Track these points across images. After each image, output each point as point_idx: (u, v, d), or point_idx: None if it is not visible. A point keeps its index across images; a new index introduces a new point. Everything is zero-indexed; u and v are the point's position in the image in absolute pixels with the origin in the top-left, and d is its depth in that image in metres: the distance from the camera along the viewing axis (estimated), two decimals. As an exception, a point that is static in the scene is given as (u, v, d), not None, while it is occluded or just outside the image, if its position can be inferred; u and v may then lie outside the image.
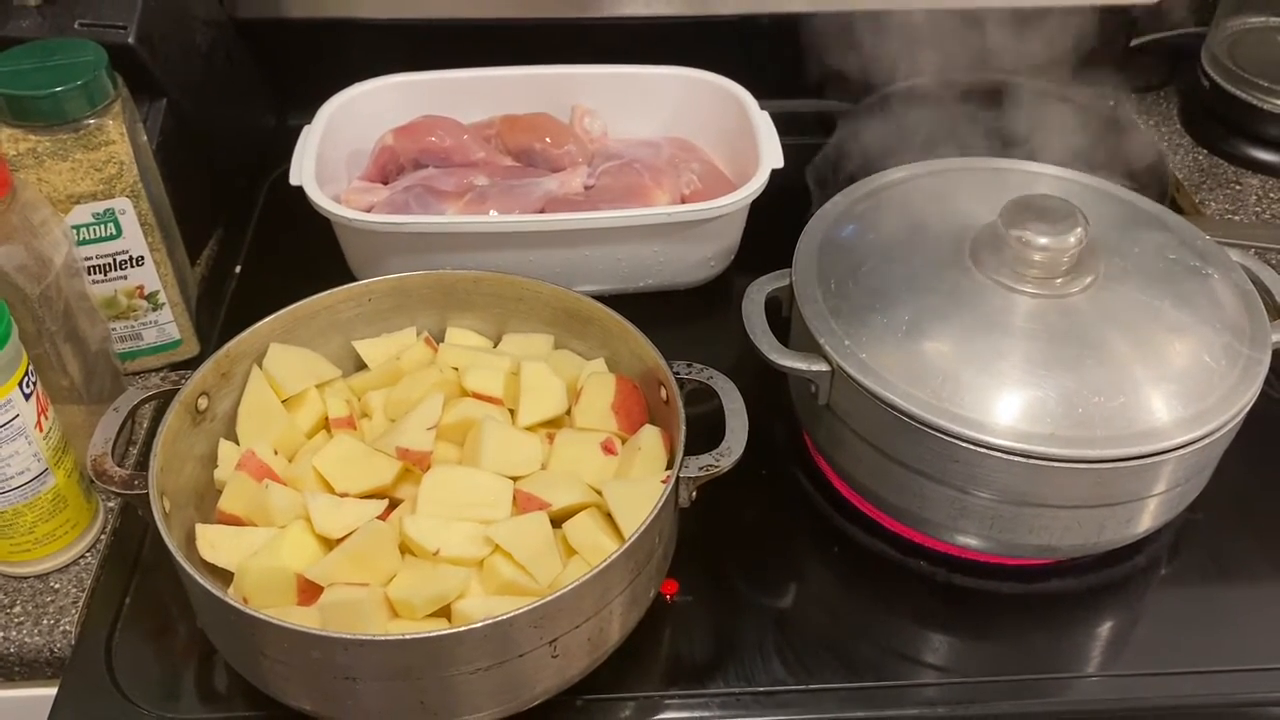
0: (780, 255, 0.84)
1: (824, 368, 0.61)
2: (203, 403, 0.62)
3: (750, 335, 0.64)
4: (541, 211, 0.80)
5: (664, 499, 0.55)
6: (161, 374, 0.63)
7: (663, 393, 0.63)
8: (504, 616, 0.51)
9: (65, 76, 0.64)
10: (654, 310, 0.80)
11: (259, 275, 0.86)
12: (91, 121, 0.66)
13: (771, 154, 0.80)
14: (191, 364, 0.77)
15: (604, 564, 0.52)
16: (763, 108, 0.85)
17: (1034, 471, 0.57)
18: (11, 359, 0.56)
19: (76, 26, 0.72)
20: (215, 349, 0.76)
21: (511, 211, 0.79)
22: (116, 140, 0.66)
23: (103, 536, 0.66)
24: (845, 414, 0.62)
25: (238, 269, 0.86)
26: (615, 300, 0.79)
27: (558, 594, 0.51)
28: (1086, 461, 0.56)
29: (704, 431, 0.60)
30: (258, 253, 0.88)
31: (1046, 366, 0.59)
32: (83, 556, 0.65)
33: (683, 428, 0.59)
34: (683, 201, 0.83)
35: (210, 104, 0.84)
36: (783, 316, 0.68)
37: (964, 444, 0.58)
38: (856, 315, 0.62)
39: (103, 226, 0.68)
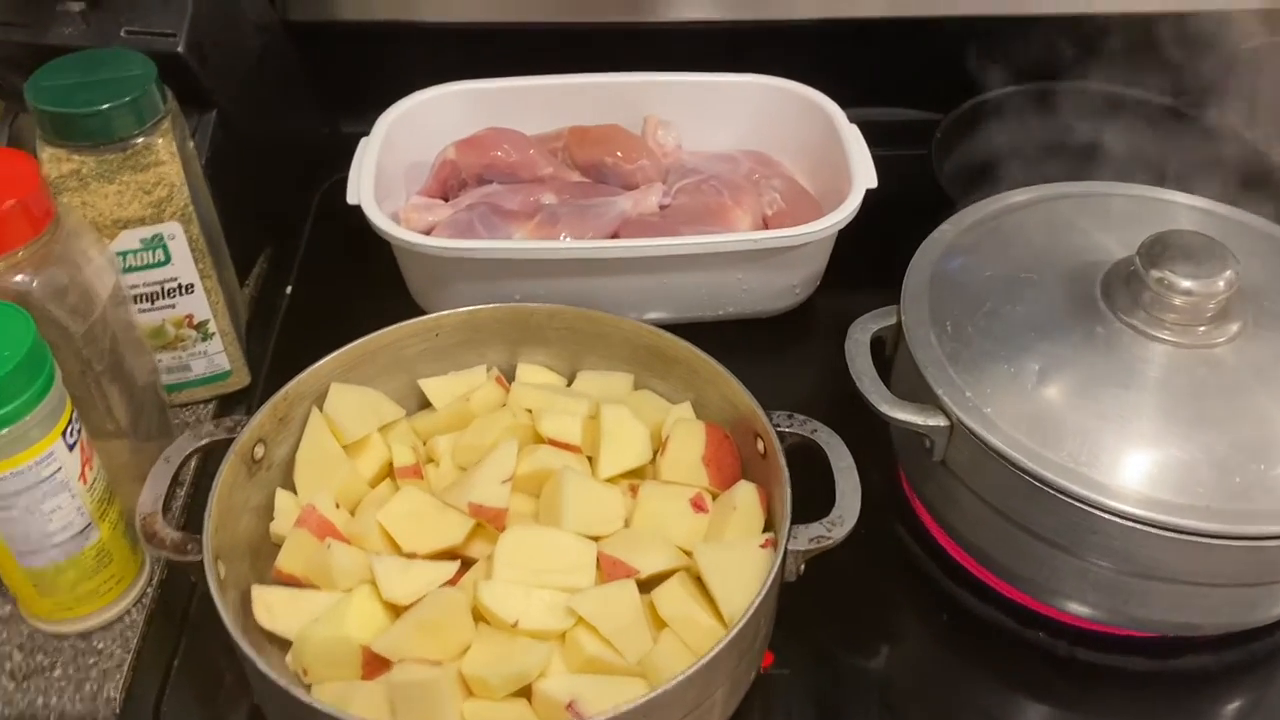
0: (868, 277, 0.77)
1: (942, 422, 0.55)
2: (259, 451, 0.57)
3: (855, 382, 0.58)
4: (615, 234, 0.74)
5: (771, 578, 0.50)
6: (215, 421, 0.58)
7: (759, 445, 0.57)
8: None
9: (112, 92, 0.59)
10: (734, 339, 0.75)
11: (312, 295, 0.81)
12: (140, 140, 0.60)
13: (865, 173, 0.74)
14: (241, 396, 0.72)
15: (711, 655, 0.46)
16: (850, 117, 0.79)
17: (1183, 547, 0.51)
18: (54, 408, 0.52)
19: (123, 34, 0.67)
20: (267, 381, 0.73)
21: (584, 234, 0.73)
22: (166, 160, 0.61)
23: (149, 590, 0.61)
24: (963, 472, 0.57)
25: (289, 289, 0.81)
26: (692, 328, 0.74)
27: (662, 689, 0.45)
28: (1249, 539, 0.50)
29: (799, 482, 0.54)
30: (310, 270, 0.83)
31: (1193, 426, 0.53)
32: (128, 613, 0.60)
33: (788, 490, 0.53)
34: (765, 223, 0.77)
35: (261, 113, 0.79)
36: (886, 356, 0.63)
37: (1103, 514, 0.52)
38: (977, 363, 0.56)
39: (151, 253, 0.63)
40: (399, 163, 0.80)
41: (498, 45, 0.84)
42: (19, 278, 0.53)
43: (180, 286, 0.65)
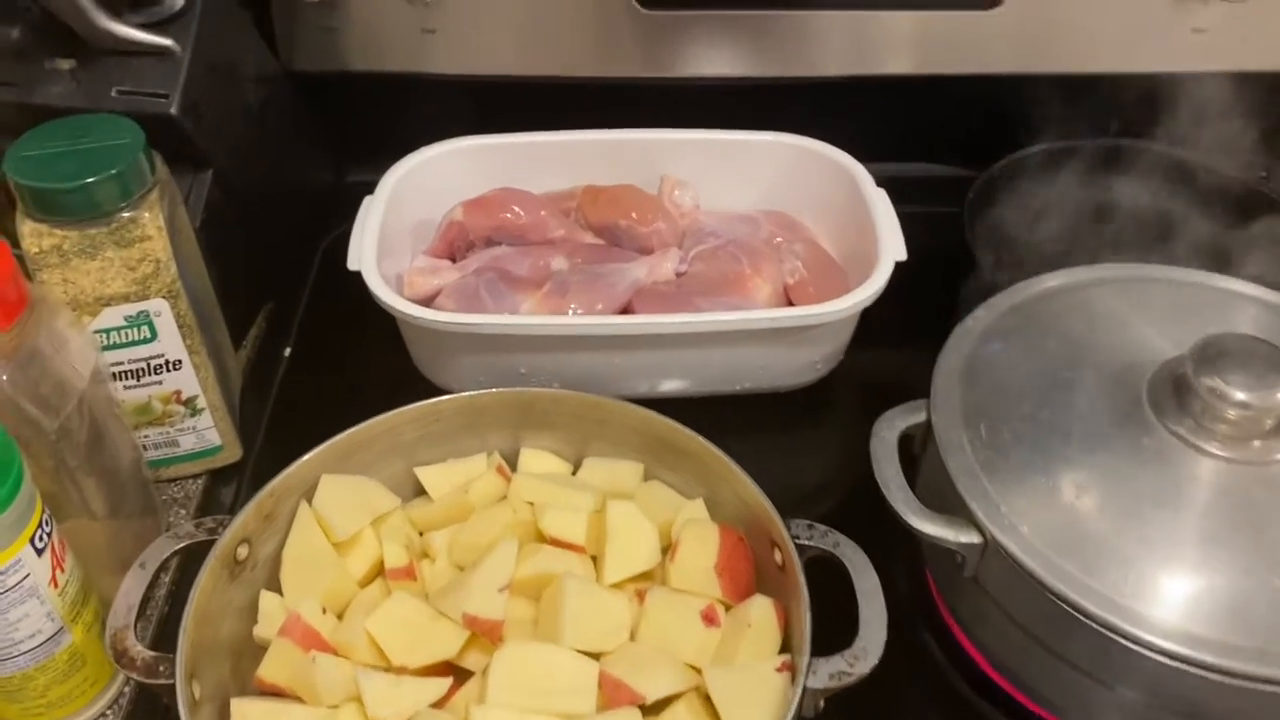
0: (893, 344, 0.74)
1: (975, 539, 0.51)
2: (242, 551, 0.54)
3: (882, 489, 0.54)
4: (628, 304, 0.70)
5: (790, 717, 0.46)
6: (195, 521, 0.54)
7: (776, 555, 0.54)
8: None
9: (98, 164, 0.56)
10: (751, 414, 0.72)
11: (311, 358, 0.77)
12: (126, 214, 0.57)
13: (893, 244, 0.70)
14: (233, 471, 0.69)
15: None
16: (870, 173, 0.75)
17: (1230, 691, 0.47)
18: (22, 513, 0.48)
19: (114, 94, 0.64)
20: (260, 454, 0.70)
21: (595, 305, 0.69)
22: (153, 235, 0.58)
23: (126, 689, 0.58)
24: (995, 590, 0.53)
25: (288, 350, 0.78)
26: (707, 402, 0.70)
27: None
28: (1313, 689, 0.46)
29: (817, 592, 0.50)
30: (310, 330, 0.80)
31: (1247, 555, 0.49)
32: (103, 715, 0.57)
33: (807, 616, 0.49)
34: (786, 292, 0.73)
35: (261, 167, 0.75)
36: (914, 453, 0.59)
37: (1144, 650, 0.47)
38: (1014, 474, 0.52)
39: (135, 330, 0.60)
40: (405, 220, 0.76)
41: (509, 99, 0.81)
42: (-12, 372, 0.49)
43: (167, 363, 0.62)
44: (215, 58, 0.68)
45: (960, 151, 0.89)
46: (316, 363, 0.77)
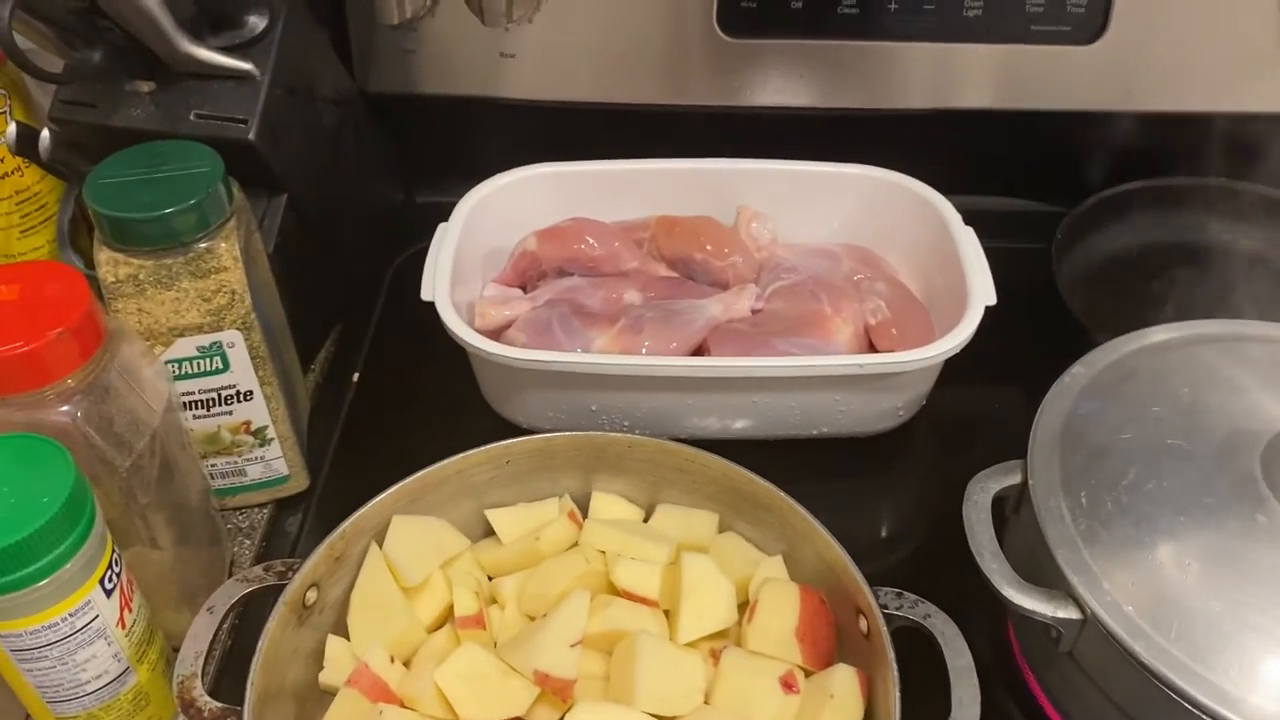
0: (977, 387, 0.72)
1: (1074, 615, 0.49)
2: (311, 596, 0.53)
3: (976, 557, 0.52)
4: (703, 342, 0.68)
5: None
6: (265, 565, 0.53)
7: (861, 623, 0.51)
8: None
9: (176, 193, 0.55)
10: (825, 457, 0.69)
11: (379, 384, 0.76)
12: (203, 245, 0.56)
13: (983, 288, 0.67)
14: (299, 500, 0.68)
15: None
16: (956, 206, 0.73)
17: (1355, 792, 0.44)
18: (93, 555, 0.47)
19: (192, 118, 0.63)
20: (326, 484, 0.69)
21: (669, 344, 0.67)
22: (229, 266, 0.57)
23: (189, 727, 0.57)
24: (1093, 670, 0.50)
25: (356, 375, 0.77)
26: (783, 444, 0.68)
27: None
28: None
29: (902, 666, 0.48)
30: (380, 354, 0.79)
31: (1373, 644, 0.46)
32: (165, 754, 0.56)
33: (896, 694, 0.47)
34: (867, 333, 0.71)
35: (334, 190, 0.74)
36: (1006, 516, 0.56)
37: (1261, 744, 0.45)
38: (1118, 548, 0.50)
39: (208, 360, 0.59)
40: (478, 247, 0.75)
41: (585, 125, 0.79)
42: (63, 409, 0.49)
43: (238, 394, 0.61)
44: (294, 81, 0.67)
45: (1044, 187, 0.86)
46: (384, 389, 0.76)
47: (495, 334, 0.71)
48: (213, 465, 0.64)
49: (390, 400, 0.75)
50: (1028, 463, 0.54)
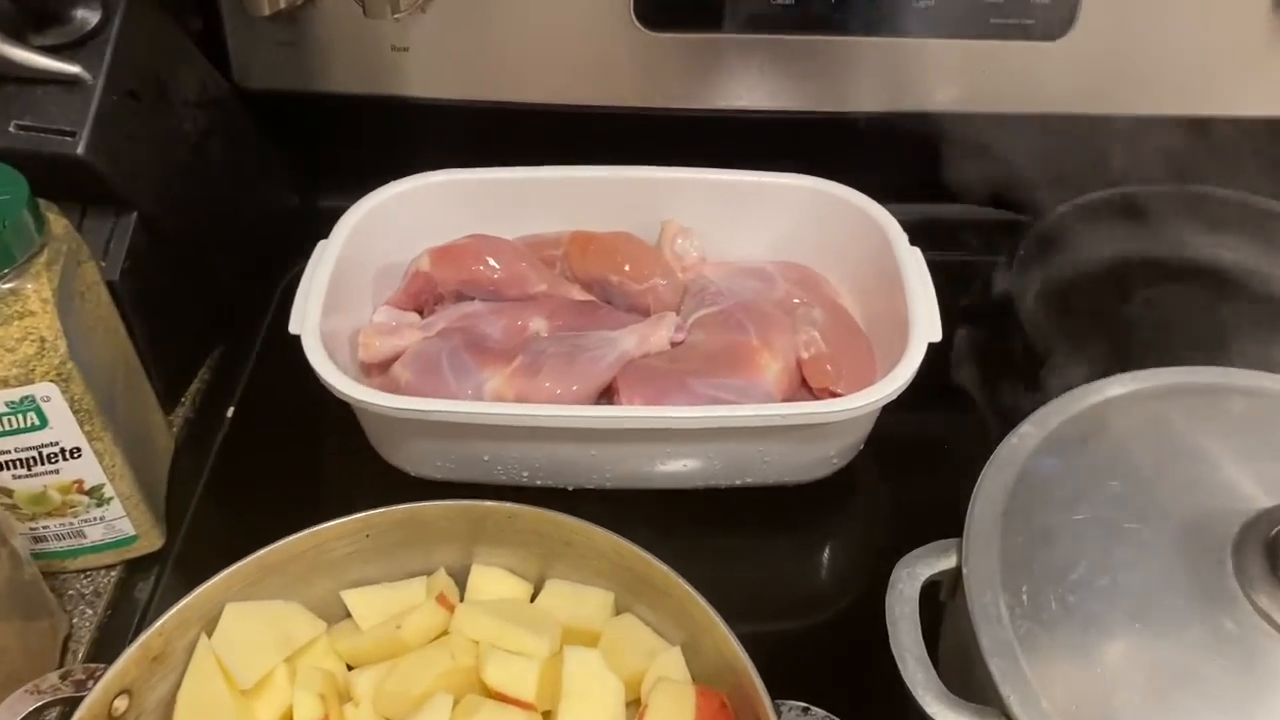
0: (918, 430, 0.65)
1: (1007, 739, 0.41)
2: (120, 705, 0.45)
3: (898, 662, 0.44)
4: (612, 382, 0.60)
5: None
6: (62, 672, 0.45)
7: (762, 738, 0.44)
8: None
9: (-33, 226, 0.47)
10: (747, 504, 0.62)
11: (257, 420, 0.68)
12: (5, 286, 0.48)
13: (927, 320, 0.59)
14: (154, 559, 0.60)
15: None
16: (893, 213, 0.65)
17: None
18: None
19: (12, 130, 0.55)
20: (186, 539, 0.61)
21: (570, 385, 0.59)
22: (36, 310, 0.49)
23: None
24: (1031, 802, 0.43)
25: (230, 410, 0.68)
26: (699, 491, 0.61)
27: None
28: None
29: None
30: (261, 384, 0.70)
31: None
32: None
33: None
34: (799, 368, 0.63)
35: (201, 203, 0.66)
36: (940, 601, 0.49)
37: None
38: (1061, 658, 0.42)
39: (20, 417, 0.51)
40: (368, 264, 0.67)
41: (491, 127, 0.70)
42: None
43: (62, 451, 0.53)
44: (138, 82, 0.58)
45: (1003, 194, 0.77)
46: (262, 425, 0.68)
47: (383, 367, 0.64)
48: (45, 527, 0.56)
49: (268, 439, 0.67)
50: (963, 546, 0.47)
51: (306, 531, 0.49)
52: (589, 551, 0.50)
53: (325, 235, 0.65)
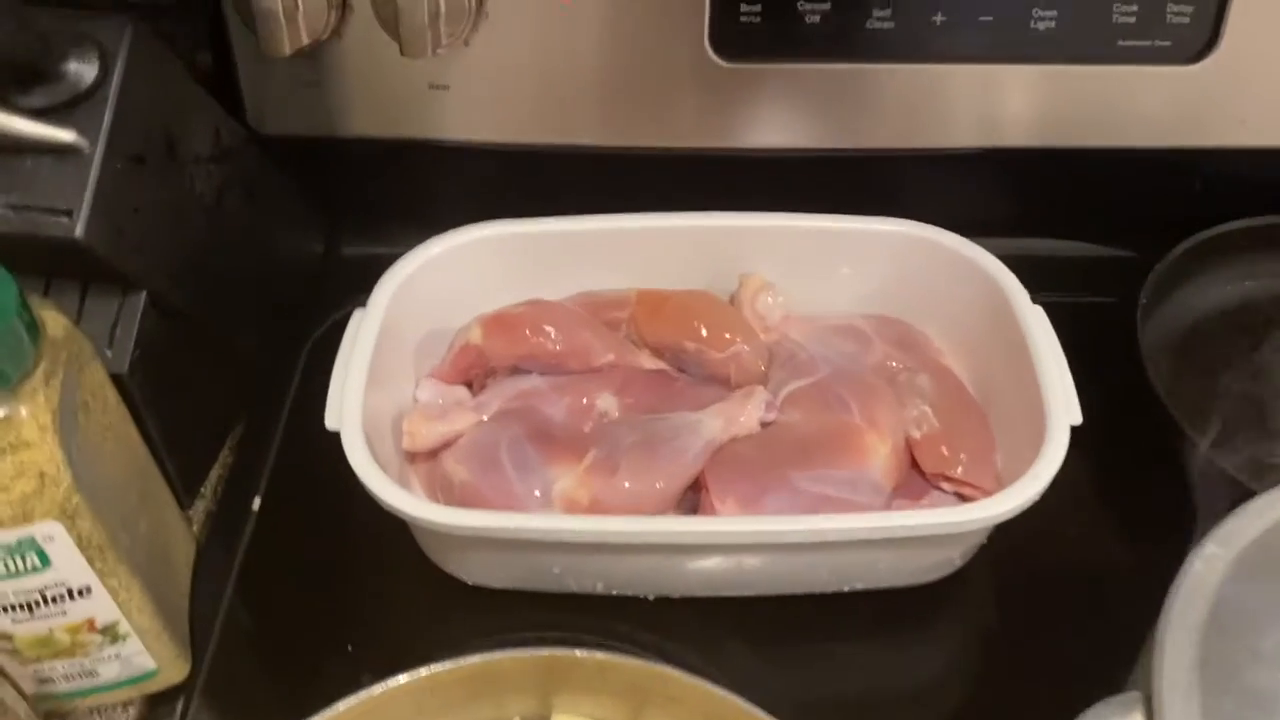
0: (1041, 512, 0.57)
1: None
2: None
3: None
4: (699, 473, 0.53)
5: None
6: None
7: None
8: None
9: (-55, 346, 0.39)
10: (857, 610, 0.54)
11: (289, 510, 0.60)
12: (-6, 413, 0.40)
13: (1063, 400, 0.51)
14: (178, 691, 0.52)
15: None
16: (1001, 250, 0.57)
17: None
18: None
19: (1, 209, 0.47)
20: (213, 664, 0.53)
21: (654, 482, 0.52)
22: (34, 439, 0.41)
23: None
24: None
25: (257, 501, 0.60)
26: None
27: None
28: None
29: None
30: (290, 464, 0.62)
31: None
32: None
33: None
34: (908, 448, 0.55)
35: (216, 268, 0.58)
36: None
37: None
38: None
39: (18, 560, 0.43)
40: (410, 332, 0.59)
41: (544, 172, 0.62)
42: None
43: (70, 592, 0.45)
44: (143, 144, 0.50)
45: (1116, 229, 0.69)
46: (293, 520, 0.59)
47: (430, 455, 0.56)
48: (53, 668, 0.48)
49: (300, 535, 0.59)
50: (1155, 707, 0.39)
51: (355, 698, 0.42)
52: (689, 704, 0.43)
53: (351, 285, 0.58)
